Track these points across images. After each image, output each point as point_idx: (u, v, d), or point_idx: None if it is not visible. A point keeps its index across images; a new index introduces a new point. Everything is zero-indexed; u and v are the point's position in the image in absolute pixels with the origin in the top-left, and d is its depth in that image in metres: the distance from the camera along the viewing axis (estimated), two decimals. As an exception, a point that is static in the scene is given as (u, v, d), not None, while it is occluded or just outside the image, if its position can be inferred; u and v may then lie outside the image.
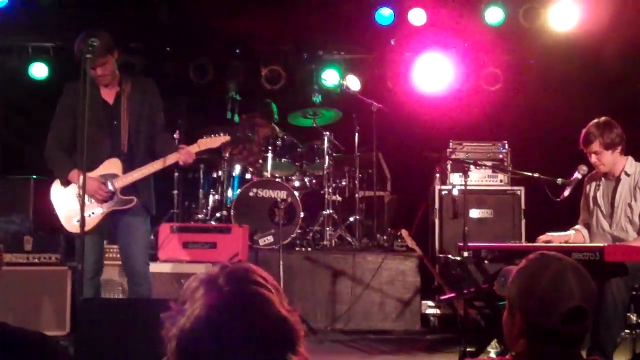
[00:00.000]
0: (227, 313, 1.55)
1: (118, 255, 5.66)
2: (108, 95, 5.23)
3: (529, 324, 2.22)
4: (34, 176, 7.25)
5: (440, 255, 6.98)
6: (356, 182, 7.82)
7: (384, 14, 8.52)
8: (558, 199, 5.40)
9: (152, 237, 7.01)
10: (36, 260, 6.37)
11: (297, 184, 7.87)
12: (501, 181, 7.62)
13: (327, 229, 7.59)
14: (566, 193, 5.39)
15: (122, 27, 5.01)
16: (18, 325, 2.04)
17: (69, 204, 5.13)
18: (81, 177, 4.93)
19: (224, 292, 1.57)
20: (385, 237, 7.74)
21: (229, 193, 7.81)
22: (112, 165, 5.16)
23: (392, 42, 8.92)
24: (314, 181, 7.99)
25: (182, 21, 8.84)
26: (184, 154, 5.15)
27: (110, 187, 5.10)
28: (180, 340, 1.55)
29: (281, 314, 1.57)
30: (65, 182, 5.14)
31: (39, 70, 8.70)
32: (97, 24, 5.52)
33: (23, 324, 2.04)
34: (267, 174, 7.79)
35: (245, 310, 1.56)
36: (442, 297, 5.80)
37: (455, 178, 7.49)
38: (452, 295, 5.56)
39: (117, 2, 8.26)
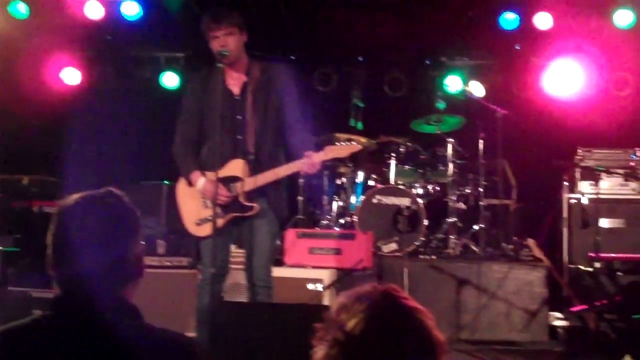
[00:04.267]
0: (385, 326, 1.68)
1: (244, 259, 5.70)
2: (234, 85, 4.89)
3: None
4: (166, 182, 7.48)
5: (570, 266, 6.74)
6: (480, 189, 7.66)
7: (509, 19, 8.34)
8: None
9: (278, 242, 7.14)
10: (168, 264, 6.55)
11: (420, 191, 7.79)
12: (633, 190, 7.29)
13: (451, 237, 7.49)
14: None
15: (248, 36, 4.99)
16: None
17: (191, 204, 4.96)
18: (201, 180, 4.85)
19: (383, 306, 1.70)
20: (511, 247, 7.55)
21: (353, 199, 7.83)
22: (236, 167, 4.83)
23: (517, 47, 8.73)
24: (437, 188, 7.90)
25: (306, 30, 8.93)
26: (307, 164, 4.75)
27: (232, 191, 4.82)
28: (342, 349, 1.69)
29: (429, 326, 1.71)
30: (190, 182, 4.94)
31: (170, 80, 8.97)
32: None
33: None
34: (391, 181, 7.76)
35: (402, 323, 1.69)
36: (574, 309, 5.60)
37: (584, 186, 7.22)
38: (584, 307, 5.36)
39: (243, 12, 8.42)
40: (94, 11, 8.18)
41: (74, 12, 8.14)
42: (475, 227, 7.65)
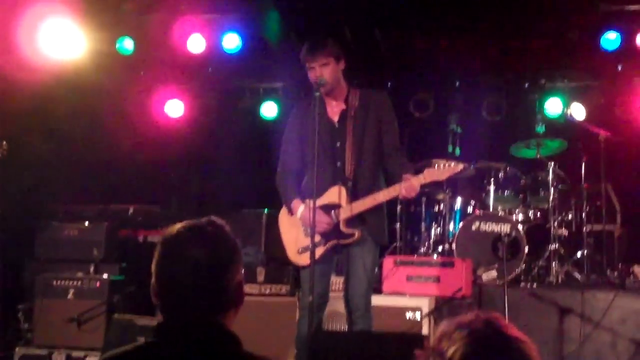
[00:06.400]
0: (486, 355, 1.63)
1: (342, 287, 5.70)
2: (334, 113, 4.97)
3: None
4: (266, 210, 7.64)
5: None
6: (583, 215, 7.48)
7: (610, 39, 8.11)
8: None
9: (375, 269, 7.16)
10: (267, 291, 6.60)
11: (520, 217, 7.67)
12: None
13: (554, 264, 7.31)
14: None
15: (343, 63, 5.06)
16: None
17: (292, 233, 5.00)
18: (300, 208, 4.90)
19: (484, 335, 1.64)
20: (616, 274, 7.32)
21: (451, 227, 7.77)
22: (335, 194, 4.86)
23: (619, 68, 8.51)
24: (538, 214, 7.74)
25: (402, 56, 8.97)
26: (406, 188, 4.68)
27: (332, 218, 4.84)
28: None
29: (532, 356, 1.64)
30: (291, 211, 4.99)
31: (269, 110, 9.16)
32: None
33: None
34: (490, 207, 7.68)
35: (504, 352, 1.64)
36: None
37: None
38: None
39: (339, 40, 8.52)
40: (196, 45, 8.42)
41: (177, 47, 8.41)
42: (579, 253, 7.46)
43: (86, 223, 7.23)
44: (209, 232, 2.18)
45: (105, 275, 6.75)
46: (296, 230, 4.99)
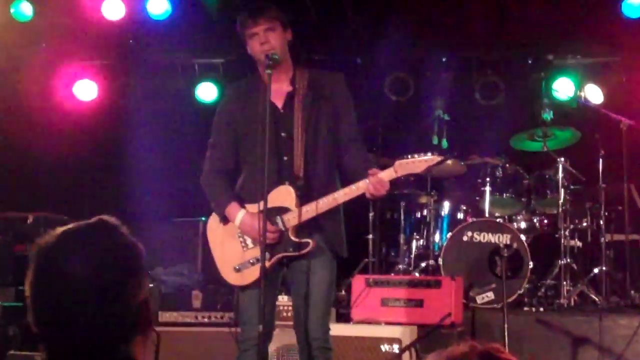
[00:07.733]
0: None
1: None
2: (277, 97, 4.90)
3: None
4: (203, 218, 7.57)
5: None
6: (601, 222, 7.57)
7: (633, 3, 8.26)
8: None
9: (343, 291, 7.15)
10: (206, 320, 6.59)
11: (523, 225, 7.80)
12: None
13: (565, 283, 7.40)
14: None
15: (305, 37, 5.05)
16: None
17: (227, 246, 4.94)
18: (240, 213, 4.82)
19: None
20: (641, 295, 7.45)
21: (437, 237, 7.85)
22: (282, 195, 4.78)
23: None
24: (545, 222, 7.88)
25: (375, 28, 8.99)
26: (374, 184, 4.65)
27: (279, 225, 4.78)
28: None
29: None
30: (224, 219, 4.92)
31: (207, 92, 9.13)
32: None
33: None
34: (485, 213, 7.74)
35: None
36: None
37: None
38: None
39: (299, 8, 8.52)
40: (113, 10, 8.42)
41: (88, 13, 8.38)
42: (595, 270, 7.57)
43: (-29, 237, 7.17)
44: (97, 237, 2.06)
45: (-3, 302, 6.69)
46: (232, 243, 4.92)
